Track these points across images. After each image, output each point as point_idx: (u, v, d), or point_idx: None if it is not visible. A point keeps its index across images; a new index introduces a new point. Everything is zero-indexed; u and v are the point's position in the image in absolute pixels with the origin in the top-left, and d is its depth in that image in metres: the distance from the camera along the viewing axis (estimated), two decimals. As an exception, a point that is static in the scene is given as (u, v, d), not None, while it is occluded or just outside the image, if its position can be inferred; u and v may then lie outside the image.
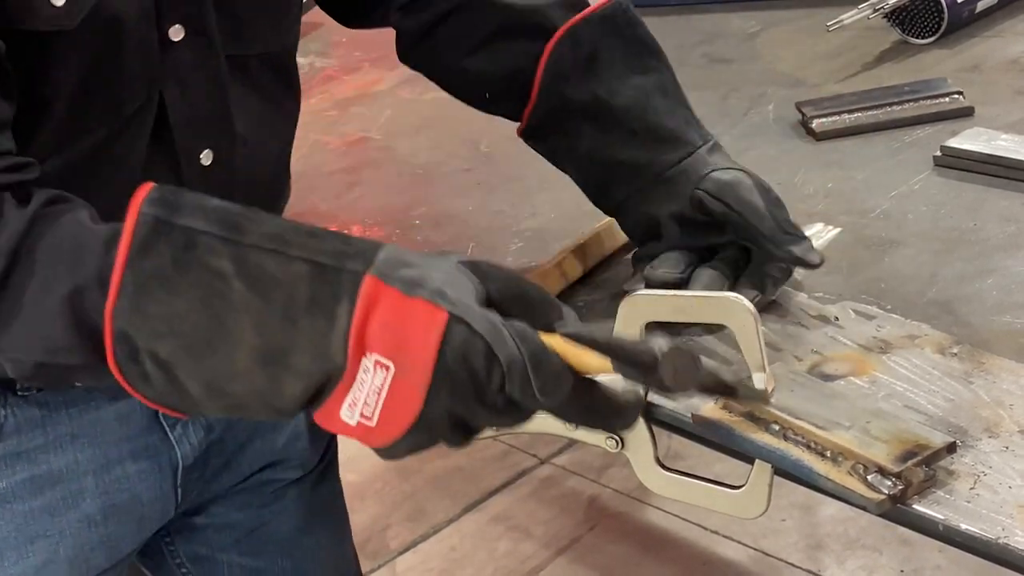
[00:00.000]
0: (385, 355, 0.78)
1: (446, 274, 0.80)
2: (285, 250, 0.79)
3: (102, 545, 1.08)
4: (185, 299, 0.78)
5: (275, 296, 0.78)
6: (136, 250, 0.78)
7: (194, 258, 0.78)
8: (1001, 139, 1.33)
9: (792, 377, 0.99)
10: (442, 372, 0.77)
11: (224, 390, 0.80)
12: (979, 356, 1.01)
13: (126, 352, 0.79)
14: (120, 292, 0.78)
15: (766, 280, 1.09)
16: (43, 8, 0.87)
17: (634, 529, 2.44)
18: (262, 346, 0.78)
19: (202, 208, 0.80)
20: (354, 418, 0.79)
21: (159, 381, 0.79)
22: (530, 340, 0.79)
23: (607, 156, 1.11)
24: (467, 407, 0.79)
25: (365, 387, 0.78)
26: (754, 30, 1.83)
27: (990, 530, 0.84)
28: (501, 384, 0.78)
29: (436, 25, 1.15)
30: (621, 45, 1.10)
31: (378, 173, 1.57)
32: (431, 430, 0.80)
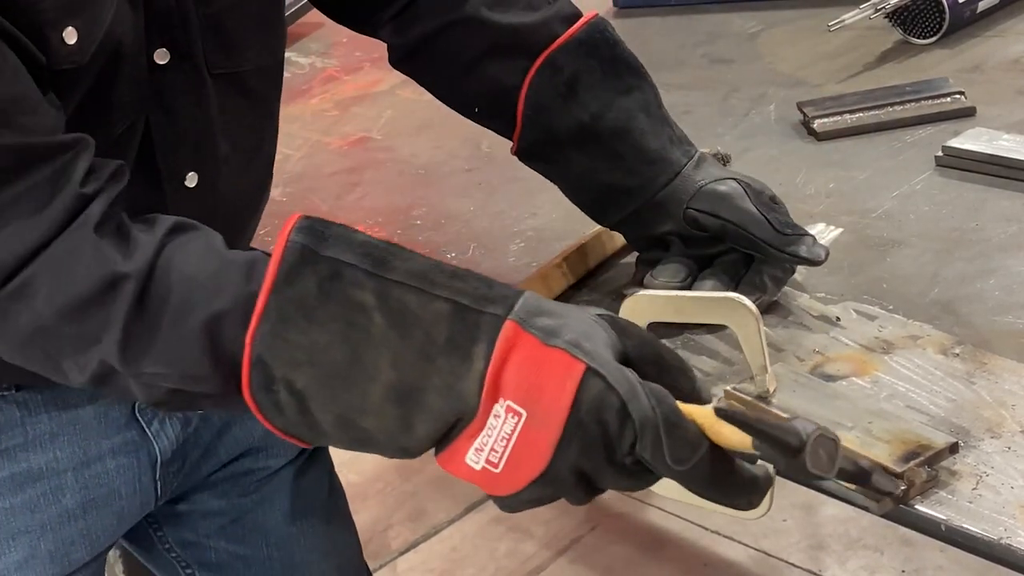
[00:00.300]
0: (518, 402, 0.77)
1: (585, 325, 0.80)
2: (428, 288, 0.79)
3: (82, 539, 1.10)
4: (326, 329, 0.78)
5: (415, 333, 0.78)
6: (283, 277, 0.79)
7: (338, 289, 0.78)
8: (1003, 139, 1.33)
9: (794, 377, 0.99)
10: (574, 425, 0.77)
11: (355, 424, 0.79)
12: (981, 356, 1.01)
13: (262, 380, 0.79)
14: (263, 318, 0.78)
15: (768, 281, 1.09)
16: (60, 47, 0.87)
17: (635, 529, 2.44)
18: (397, 382, 0.78)
19: (349, 240, 0.80)
20: (479, 463, 0.78)
21: (292, 411, 0.79)
22: (665, 402, 0.78)
23: (596, 181, 1.11)
24: (595, 464, 0.78)
25: (494, 433, 0.77)
26: (755, 30, 1.83)
27: (992, 531, 0.84)
28: (632, 444, 0.77)
29: (426, 42, 1.14)
30: (600, 67, 1.10)
31: (379, 173, 1.57)
32: (556, 483, 0.79)
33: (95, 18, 0.89)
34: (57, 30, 0.87)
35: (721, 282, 1.09)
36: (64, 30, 0.87)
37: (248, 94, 1.05)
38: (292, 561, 1.27)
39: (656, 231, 1.11)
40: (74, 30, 0.88)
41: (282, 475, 1.26)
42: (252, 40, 1.04)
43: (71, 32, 0.87)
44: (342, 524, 1.34)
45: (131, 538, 1.24)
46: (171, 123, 0.98)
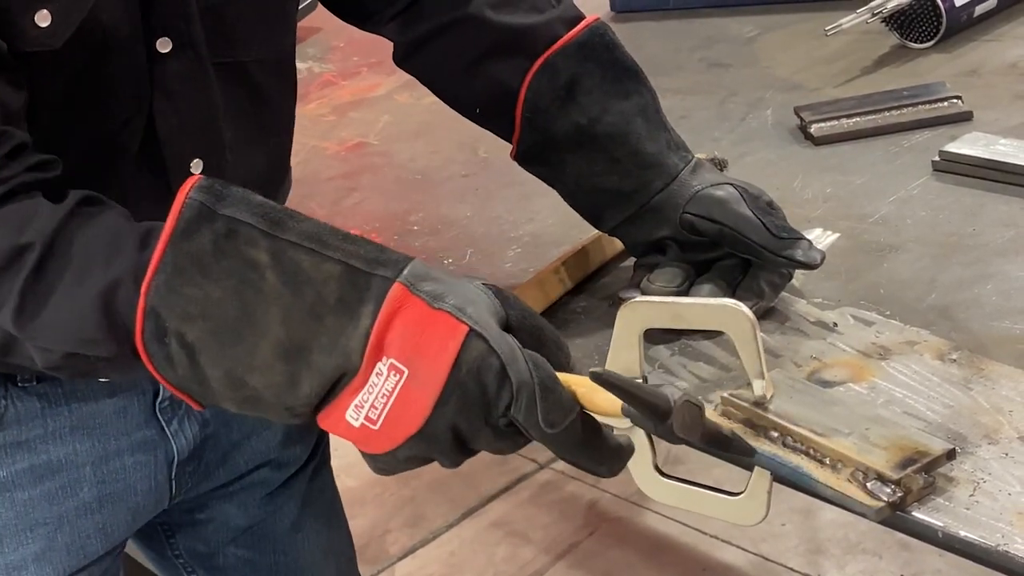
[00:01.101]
0: (401, 360, 0.80)
1: (470, 292, 0.83)
2: (321, 250, 0.81)
3: (98, 533, 1.11)
4: (219, 285, 0.80)
5: (306, 292, 0.80)
6: (179, 232, 0.81)
7: (233, 247, 0.81)
8: (1000, 143, 1.32)
9: (791, 383, 0.99)
10: (454, 383, 0.80)
11: (243, 380, 0.81)
12: (978, 362, 1.00)
13: (154, 331, 0.80)
14: (158, 270, 0.80)
15: (765, 287, 1.09)
16: (29, 29, 0.88)
17: (633, 534, 2.44)
18: (286, 339, 0.80)
19: (246, 201, 0.82)
20: (359, 420, 0.81)
21: (182, 365, 0.81)
22: (542, 368, 0.82)
23: (593, 185, 1.12)
24: (471, 423, 0.81)
25: (375, 390, 0.80)
26: (752, 34, 1.83)
27: (990, 537, 0.84)
28: (508, 405, 0.81)
29: (429, 40, 1.14)
30: (599, 71, 1.10)
31: (376, 179, 1.57)
32: (432, 441, 0.81)
33: (73, 3, 0.90)
34: (28, 12, 0.88)
35: (718, 287, 1.09)
36: (37, 12, 0.88)
37: (251, 85, 1.05)
38: (297, 564, 1.29)
39: (653, 236, 1.11)
40: (48, 13, 0.89)
41: (294, 483, 1.27)
42: (254, 31, 1.04)
43: (44, 15, 0.89)
44: (340, 525, 1.36)
45: (143, 541, 1.26)
46: (175, 111, 0.99)
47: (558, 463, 2.61)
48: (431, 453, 0.83)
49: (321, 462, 1.31)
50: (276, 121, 1.11)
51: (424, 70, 1.18)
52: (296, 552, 1.28)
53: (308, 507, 1.29)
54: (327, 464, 1.33)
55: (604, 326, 0.97)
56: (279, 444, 1.24)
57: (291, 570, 1.28)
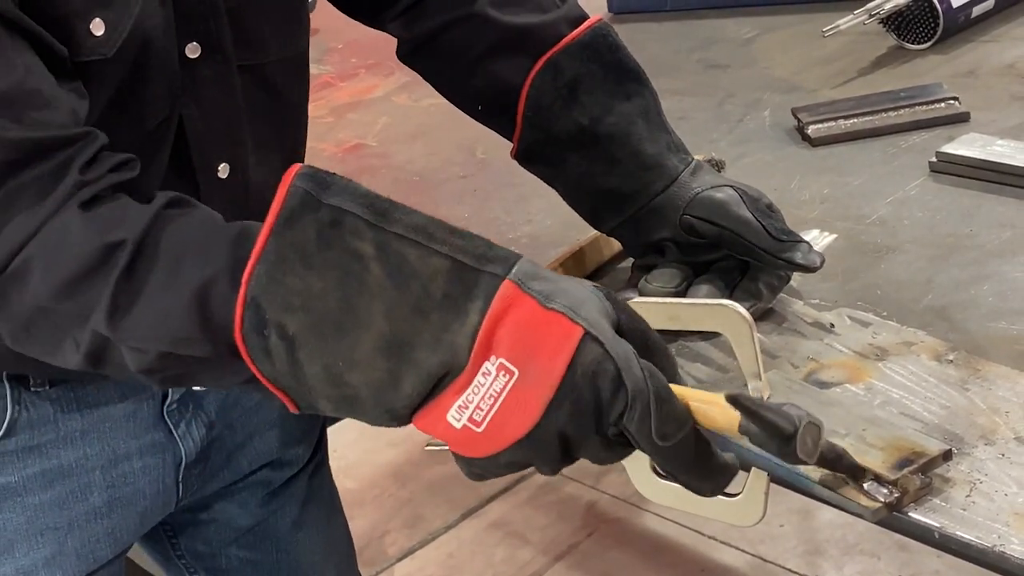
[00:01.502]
0: (511, 360, 0.76)
1: (582, 293, 0.80)
2: (428, 243, 0.78)
3: (107, 537, 1.11)
4: (322, 276, 0.77)
5: (411, 286, 0.77)
6: (283, 220, 0.78)
7: (338, 236, 0.77)
8: (997, 144, 1.33)
9: (788, 384, 0.99)
10: (568, 387, 0.76)
11: (342, 378, 0.78)
12: (975, 363, 1.00)
13: (254, 322, 0.77)
14: (260, 259, 0.77)
15: (763, 288, 1.09)
16: (86, 38, 0.88)
17: (632, 535, 2.44)
18: (389, 334, 0.77)
19: (351, 190, 0.79)
20: (461, 421, 0.77)
21: (280, 358, 0.78)
22: (657, 377, 0.78)
23: (593, 185, 1.12)
24: (581, 430, 0.78)
25: (482, 390, 0.77)
26: (750, 36, 1.83)
27: (986, 538, 0.84)
28: (620, 414, 0.77)
29: (433, 37, 1.15)
30: (602, 72, 1.10)
31: (374, 180, 1.57)
32: (538, 447, 0.78)
33: (123, 10, 0.90)
34: (85, 21, 0.88)
35: (716, 288, 1.09)
36: (91, 21, 0.88)
37: (270, 86, 1.06)
38: (298, 563, 1.30)
39: (652, 237, 1.12)
40: (102, 21, 0.88)
41: (294, 482, 1.28)
42: (272, 32, 1.05)
43: (98, 23, 0.88)
44: (340, 524, 1.37)
45: (146, 543, 1.26)
46: (203, 116, 0.99)
47: (557, 464, 2.62)
48: (534, 459, 0.79)
49: (321, 461, 1.32)
50: (293, 121, 1.12)
51: (427, 67, 1.18)
52: (297, 551, 1.29)
53: (308, 506, 1.29)
54: (326, 463, 1.33)
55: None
56: (281, 445, 1.24)
57: (292, 569, 1.29)
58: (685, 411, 0.80)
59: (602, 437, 0.79)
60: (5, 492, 1.05)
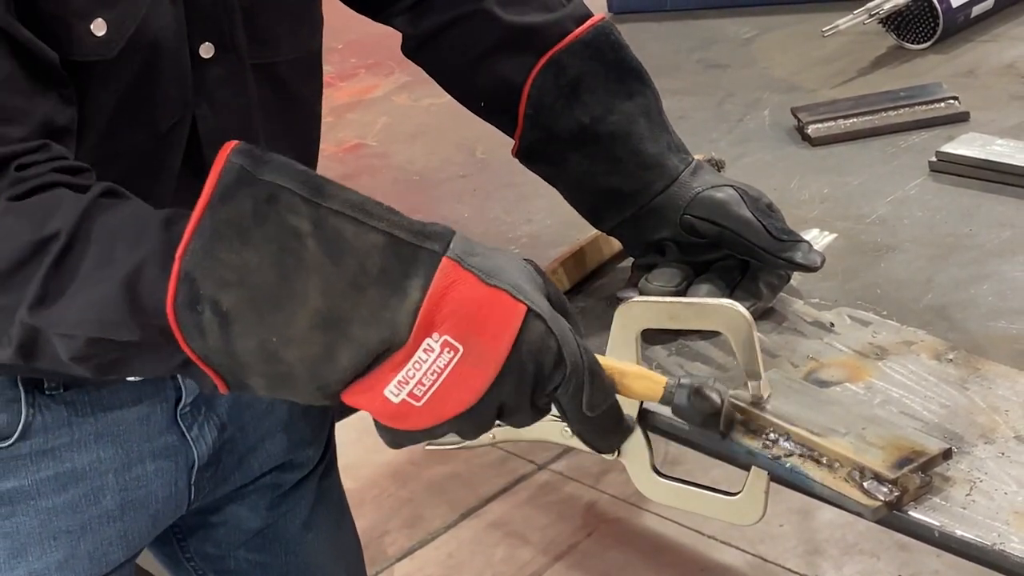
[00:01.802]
0: (456, 337, 0.78)
1: (518, 270, 0.82)
2: (365, 219, 0.78)
3: (120, 541, 1.11)
4: (258, 251, 0.77)
5: (347, 261, 0.77)
6: (218, 196, 0.78)
7: (274, 212, 0.77)
8: (996, 144, 1.33)
9: (788, 383, 0.99)
10: (513, 363, 0.79)
11: (276, 354, 0.78)
12: (975, 362, 1.00)
13: (187, 297, 0.77)
14: (195, 234, 0.77)
15: (763, 288, 1.09)
16: (85, 38, 0.88)
17: (632, 535, 2.44)
18: (325, 309, 0.77)
19: (288, 167, 0.79)
20: (400, 396, 0.79)
21: (213, 334, 0.78)
22: (590, 353, 0.83)
23: (595, 184, 1.12)
24: (519, 402, 0.81)
25: (424, 366, 0.78)
26: (750, 35, 1.83)
27: (986, 536, 0.84)
28: (556, 387, 0.81)
29: (438, 33, 1.15)
30: (604, 71, 1.11)
31: (374, 180, 1.57)
32: (476, 419, 0.81)
33: (128, 11, 0.90)
34: (85, 20, 0.87)
35: (716, 287, 1.09)
36: (93, 22, 0.88)
37: (283, 85, 1.06)
38: (307, 565, 1.30)
39: (653, 237, 1.12)
40: (103, 22, 0.88)
41: (305, 485, 1.28)
42: (286, 31, 1.05)
43: (100, 24, 0.88)
44: (348, 525, 1.37)
45: (155, 545, 1.26)
46: (216, 116, 0.99)
47: (557, 464, 2.62)
48: (466, 429, 0.82)
49: (330, 463, 1.31)
50: (305, 119, 1.12)
51: (432, 63, 1.19)
52: (306, 553, 1.29)
53: (318, 508, 1.29)
54: (335, 465, 1.33)
55: (602, 326, 0.97)
56: (292, 447, 1.24)
57: (301, 571, 1.29)
58: (612, 384, 0.85)
59: (533, 407, 0.82)
60: (19, 496, 1.05)
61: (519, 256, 0.84)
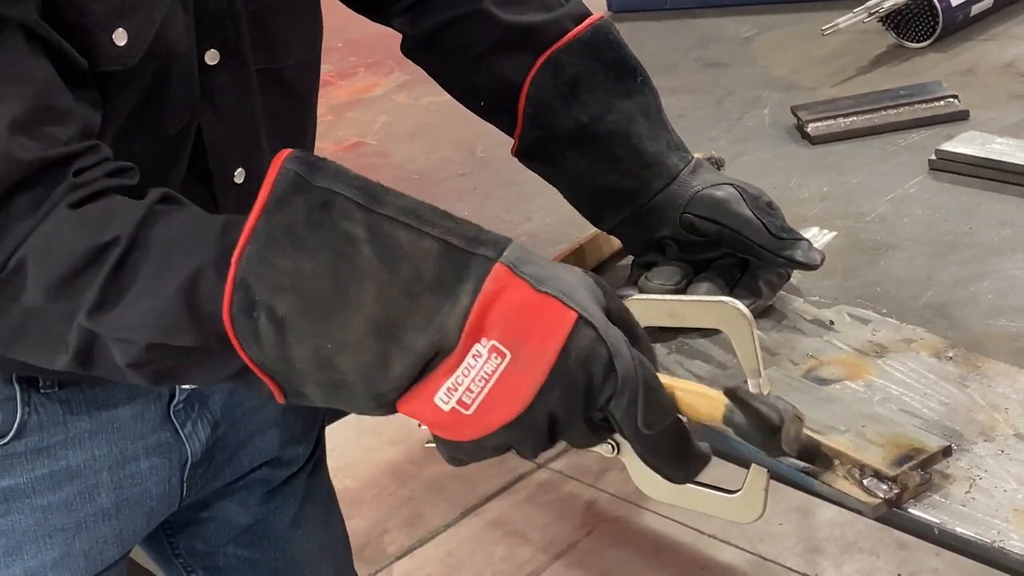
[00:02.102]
0: (504, 342, 0.76)
1: (574, 278, 0.80)
2: (419, 226, 0.78)
3: (115, 538, 1.11)
4: (312, 257, 0.77)
5: (402, 268, 0.77)
6: (274, 202, 0.78)
7: (328, 218, 0.77)
8: (996, 143, 1.33)
9: (788, 381, 0.99)
10: (560, 370, 0.77)
11: (331, 361, 0.77)
12: (974, 360, 1.01)
13: (243, 304, 0.77)
14: (250, 240, 0.77)
15: (763, 286, 1.09)
16: (108, 48, 0.88)
17: (632, 533, 2.44)
18: (380, 316, 0.77)
19: (342, 173, 0.79)
20: (450, 403, 0.77)
21: (269, 340, 0.77)
22: (647, 365, 0.80)
23: (594, 183, 1.12)
24: (570, 413, 0.78)
25: (472, 372, 0.77)
26: (749, 34, 1.83)
27: (985, 534, 0.84)
28: (608, 399, 0.78)
29: (437, 33, 1.15)
30: (603, 70, 1.11)
31: (374, 178, 1.57)
32: (527, 430, 0.78)
33: (146, 20, 0.90)
34: (107, 31, 0.88)
35: (716, 286, 1.09)
36: (114, 32, 0.88)
37: (288, 89, 1.06)
38: (295, 561, 1.30)
39: (652, 235, 1.12)
40: (124, 32, 0.88)
41: (293, 481, 1.28)
42: (293, 35, 1.05)
43: (121, 34, 0.88)
44: (337, 522, 1.37)
45: (144, 541, 1.25)
46: (220, 122, 0.99)
47: (557, 462, 2.62)
48: (520, 442, 0.79)
49: (319, 460, 1.32)
50: (307, 121, 1.13)
51: (431, 63, 1.19)
52: (295, 549, 1.29)
53: (307, 504, 1.30)
54: (324, 462, 1.34)
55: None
56: (281, 443, 1.25)
57: (290, 567, 1.29)
58: (671, 400, 0.81)
59: (587, 421, 0.79)
60: (14, 494, 1.05)
61: (579, 270, 0.82)
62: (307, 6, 1.07)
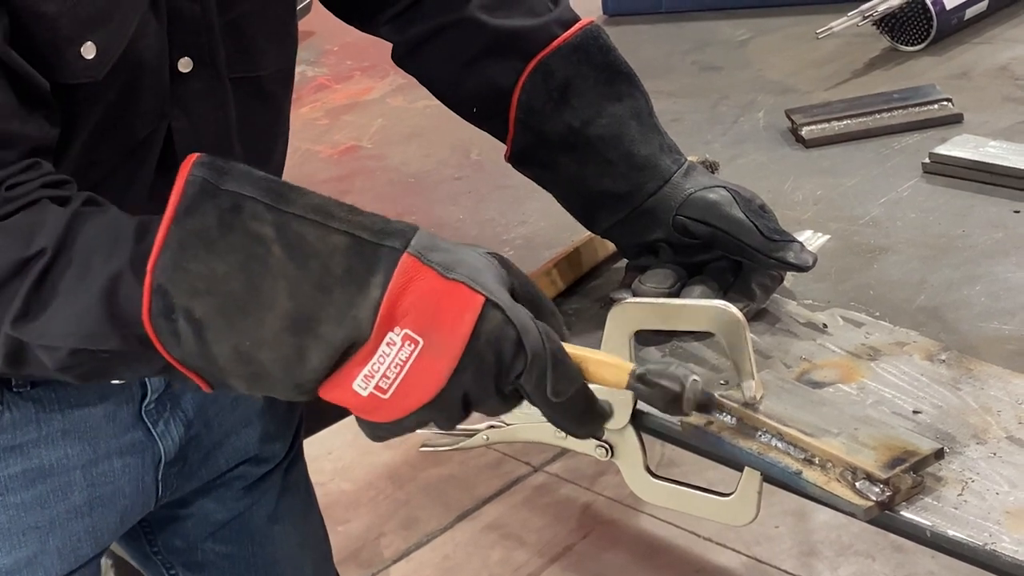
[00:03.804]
0: (416, 330, 0.80)
1: (478, 262, 0.83)
2: (327, 222, 0.80)
3: (88, 536, 1.11)
4: (225, 260, 0.80)
5: (312, 264, 0.80)
6: (183, 209, 0.80)
7: (238, 221, 0.80)
8: (989, 146, 1.33)
9: (781, 384, 0.99)
10: (472, 353, 0.80)
11: (251, 356, 0.81)
12: (967, 362, 1.01)
13: (161, 308, 0.80)
14: (163, 248, 0.80)
15: (756, 289, 1.09)
16: (75, 62, 0.89)
17: (627, 537, 2.44)
18: (294, 312, 0.80)
19: (249, 176, 0.82)
20: (367, 389, 0.81)
21: (189, 341, 0.80)
22: (553, 340, 0.84)
23: (586, 187, 1.12)
24: (482, 390, 0.82)
25: (387, 359, 0.80)
26: (744, 38, 1.83)
27: (978, 536, 0.84)
28: (519, 374, 0.82)
29: (426, 41, 1.15)
30: (593, 73, 1.11)
31: (369, 182, 1.58)
32: (442, 408, 0.82)
33: (117, 33, 0.91)
34: (75, 44, 0.89)
35: (710, 288, 1.09)
36: (82, 45, 0.89)
37: (264, 97, 1.07)
38: (274, 557, 1.30)
39: (646, 238, 1.12)
40: (93, 45, 0.89)
41: (271, 478, 1.29)
42: (270, 44, 1.06)
43: (90, 47, 0.89)
44: (315, 518, 1.37)
45: (123, 539, 1.26)
46: (193, 128, 1.00)
47: (553, 466, 2.62)
48: (436, 418, 0.84)
49: (296, 456, 1.32)
50: (282, 129, 1.13)
51: (421, 70, 1.19)
52: (273, 545, 1.29)
53: (284, 500, 1.30)
54: (302, 458, 1.34)
55: (596, 327, 0.97)
56: (258, 441, 1.25)
57: (268, 563, 1.29)
58: (578, 370, 0.85)
59: (500, 395, 0.83)
60: None
61: (483, 249, 0.85)
62: (282, 15, 1.08)
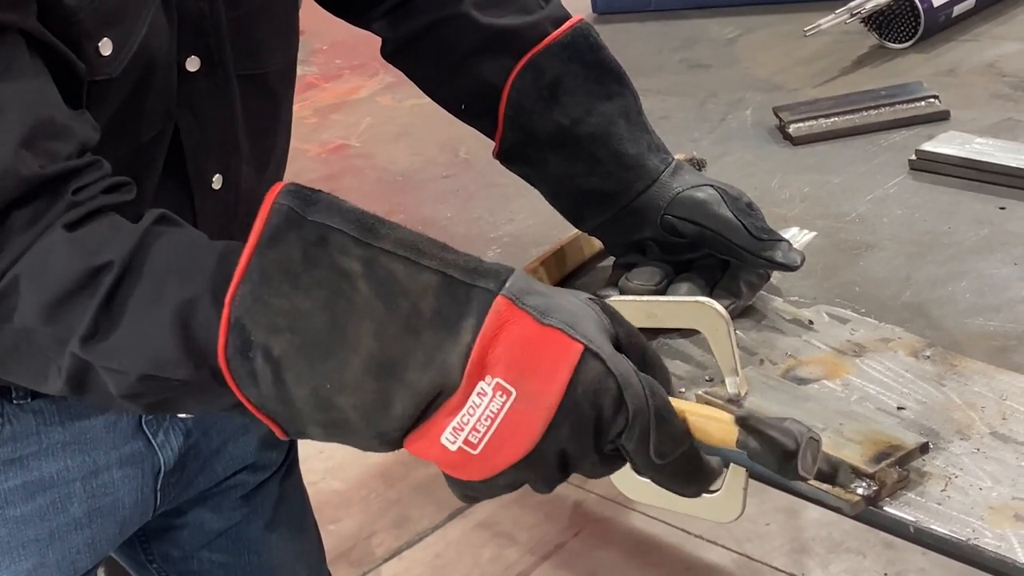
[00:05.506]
0: (508, 379, 0.74)
1: (578, 307, 0.77)
2: (417, 259, 0.75)
3: (87, 548, 1.10)
4: (308, 295, 0.74)
5: (400, 304, 0.74)
6: (266, 239, 0.75)
7: (324, 254, 0.74)
8: (976, 143, 1.33)
9: (766, 381, 1.00)
10: (568, 406, 0.74)
11: (331, 401, 0.75)
12: (951, 359, 1.01)
13: (238, 344, 0.74)
14: (244, 279, 0.74)
15: (743, 287, 1.09)
16: (93, 59, 0.87)
17: (619, 534, 2.44)
18: (379, 354, 0.74)
19: (337, 207, 0.76)
20: (456, 443, 0.74)
21: (266, 382, 0.75)
22: (658, 395, 0.77)
23: (575, 185, 1.12)
24: (581, 448, 0.75)
25: (477, 411, 0.74)
26: (732, 35, 1.84)
27: (961, 532, 0.85)
28: (620, 432, 0.76)
29: (417, 38, 1.15)
30: (583, 72, 1.11)
31: (358, 180, 1.58)
32: (537, 467, 0.76)
33: (131, 29, 0.89)
34: (93, 40, 0.86)
35: (696, 286, 1.10)
36: (100, 41, 0.86)
37: (268, 94, 1.06)
38: (269, 565, 1.29)
39: (633, 237, 1.12)
40: (109, 41, 0.87)
41: (267, 486, 1.28)
42: (276, 41, 1.05)
43: (107, 43, 0.87)
44: (310, 526, 1.36)
45: (118, 549, 1.24)
46: (200, 127, 0.98)
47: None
48: (531, 479, 0.77)
49: (292, 464, 1.31)
50: (285, 127, 1.12)
51: (411, 66, 1.19)
52: (269, 553, 1.28)
53: (280, 508, 1.29)
54: (297, 465, 1.33)
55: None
56: (256, 449, 1.24)
57: (264, 571, 1.28)
58: (684, 430, 0.78)
59: (599, 453, 0.76)
60: None
61: (584, 295, 0.79)
62: (287, 12, 1.07)
